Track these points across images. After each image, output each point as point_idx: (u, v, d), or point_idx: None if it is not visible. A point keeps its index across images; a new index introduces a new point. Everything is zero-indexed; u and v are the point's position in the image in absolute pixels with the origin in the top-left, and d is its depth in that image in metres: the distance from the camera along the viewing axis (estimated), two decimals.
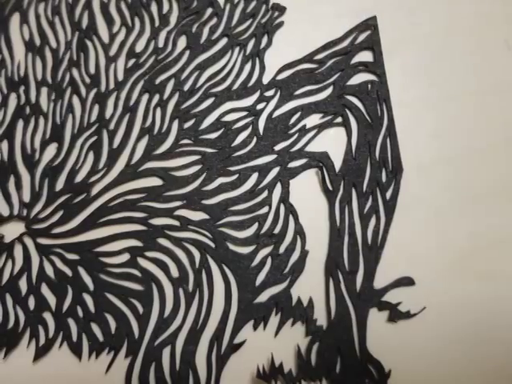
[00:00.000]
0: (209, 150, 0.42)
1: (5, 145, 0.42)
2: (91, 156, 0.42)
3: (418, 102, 0.43)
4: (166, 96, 0.42)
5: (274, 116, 0.42)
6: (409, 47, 0.44)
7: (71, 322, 0.39)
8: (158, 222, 0.41)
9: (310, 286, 0.40)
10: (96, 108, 0.42)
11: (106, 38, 0.43)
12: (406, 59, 0.44)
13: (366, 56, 0.43)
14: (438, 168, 0.42)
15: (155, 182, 0.41)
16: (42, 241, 0.40)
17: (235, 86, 0.43)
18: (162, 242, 0.40)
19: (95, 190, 0.41)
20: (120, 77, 0.43)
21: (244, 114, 0.42)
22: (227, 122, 0.42)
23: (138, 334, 0.39)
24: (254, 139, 0.42)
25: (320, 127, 0.42)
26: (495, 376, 0.39)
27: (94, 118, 0.42)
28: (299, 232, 0.41)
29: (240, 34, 0.44)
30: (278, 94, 0.43)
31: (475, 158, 0.43)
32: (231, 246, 0.41)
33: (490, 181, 0.42)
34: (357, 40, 0.43)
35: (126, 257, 0.40)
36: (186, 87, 0.43)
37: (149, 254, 0.40)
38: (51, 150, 0.42)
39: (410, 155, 0.42)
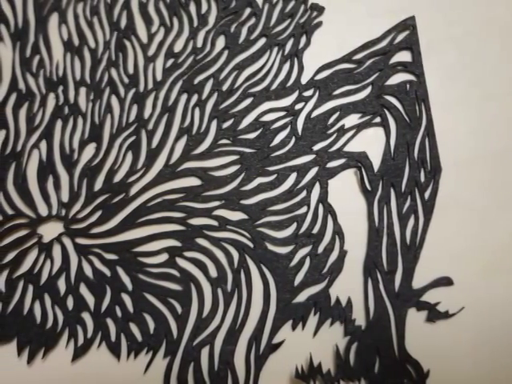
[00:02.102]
0: (247, 150, 0.42)
1: (43, 145, 0.42)
2: (130, 156, 0.42)
3: (457, 101, 0.43)
4: (204, 96, 0.42)
5: (312, 116, 0.42)
6: (447, 47, 0.44)
7: (110, 321, 0.39)
8: (196, 221, 0.41)
9: (349, 286, 0.40)
10: (134, 108, 0.42)
11: (144, 38, 0.43)
12: (444, 59, 0.44)
13: (404, 56, 0.43)
14: (476, 167, 0.42)
15: (194, 182, 0.41)
16: (81, 241, 0.40)
17: (274, 86, 0.43)
18: (201, 241, 0.41)
19: (134, 190, 0.41)
20: (159, 77, 0.43)
21: (282, 113, 0.42)
22: (266, 122, 0.42)
23: (177, 333, 0.39)
24: (293, 139, 0.42)
25: (358, 127, 0.42)
26: None
27: (132, 117, 0.42)
28: (338, 232, 0.41)
29: (278, 34, 0.43)
30: (317, 93, 0.43)
31: None
32: (270, 246, 0.41)
33: None
34: (395, 40, 0.43)
35: (164, 257, 0.40)
36: (225, 87, 0.43)
37: (187, 253, 0.40)
38: (90, 150, 0.42)
39: (448, 155, 0.42)
